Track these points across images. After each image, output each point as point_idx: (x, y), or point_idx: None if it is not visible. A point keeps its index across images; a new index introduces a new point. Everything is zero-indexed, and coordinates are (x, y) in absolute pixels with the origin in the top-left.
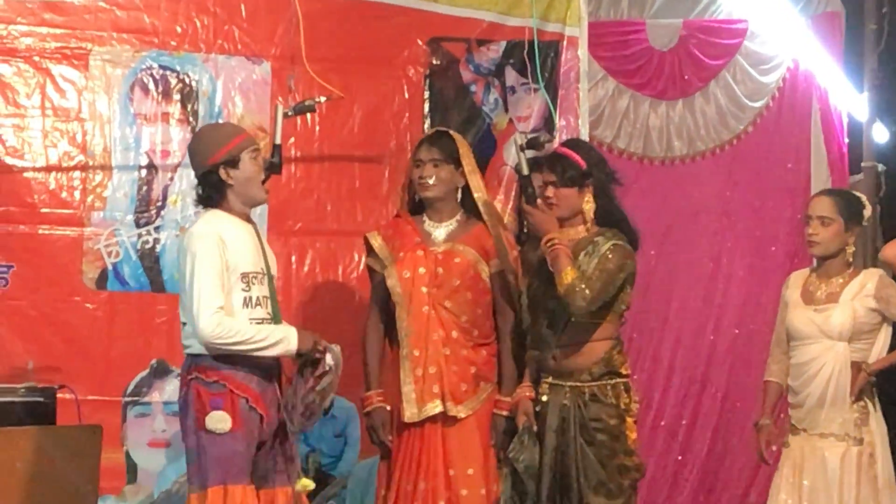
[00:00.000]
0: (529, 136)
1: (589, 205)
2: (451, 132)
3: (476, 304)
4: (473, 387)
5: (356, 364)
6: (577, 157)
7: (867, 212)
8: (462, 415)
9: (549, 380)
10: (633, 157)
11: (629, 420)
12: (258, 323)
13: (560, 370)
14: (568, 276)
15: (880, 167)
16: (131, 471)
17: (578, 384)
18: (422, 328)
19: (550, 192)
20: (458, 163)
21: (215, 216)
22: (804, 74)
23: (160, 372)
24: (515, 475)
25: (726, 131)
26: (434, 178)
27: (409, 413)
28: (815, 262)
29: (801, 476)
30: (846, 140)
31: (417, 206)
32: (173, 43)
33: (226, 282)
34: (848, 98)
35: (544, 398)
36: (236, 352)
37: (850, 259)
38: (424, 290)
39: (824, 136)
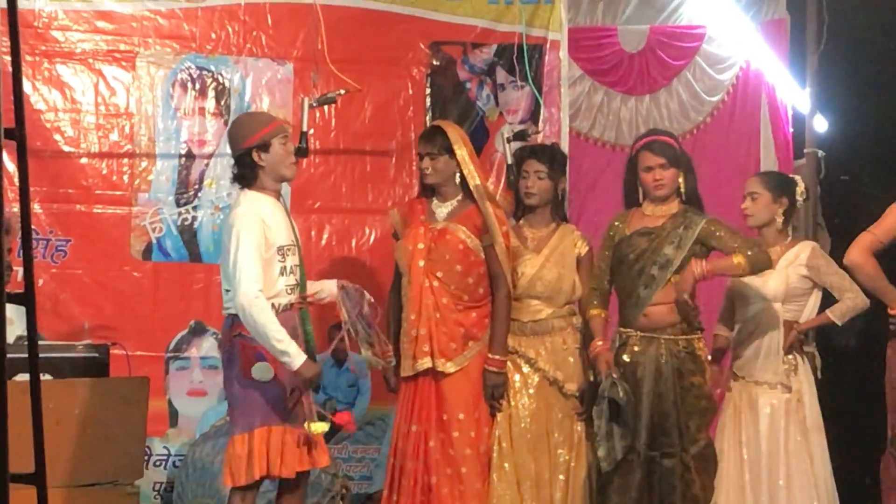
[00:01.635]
0: (516, 129)
1: (682, 184)
2: (445, 126)
3: (466, 275)
4: (462, 345)
5: None
6: (674, 142)
7: (799, 188)
8: (451, 369)
9: (640, 333)
10: (606, 145)
11: (707, 369)
12: (290, 288)
13: (652, 326)
14: (740, 261)
15: (820, 153)
16: (173, 416)
17: (672, 337)
18: (417, 295)
19: (659, 174)
20: (452, 153)
21: (255, 197)
22: (754, 73)
23: (198, 331)
24: (611, 409)
25: (687, 122)
26: (430, 168)
27: (405, 366)
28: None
29: (740, 415)
30: (791, 129)
31: (433, 188)
32: (209, 47)
33: (265, 255)
34: (792, 93)
35: (637, 349)
36: (253, 332)
37: (780, 227)
38: (421, 263)
39: (772, 126)
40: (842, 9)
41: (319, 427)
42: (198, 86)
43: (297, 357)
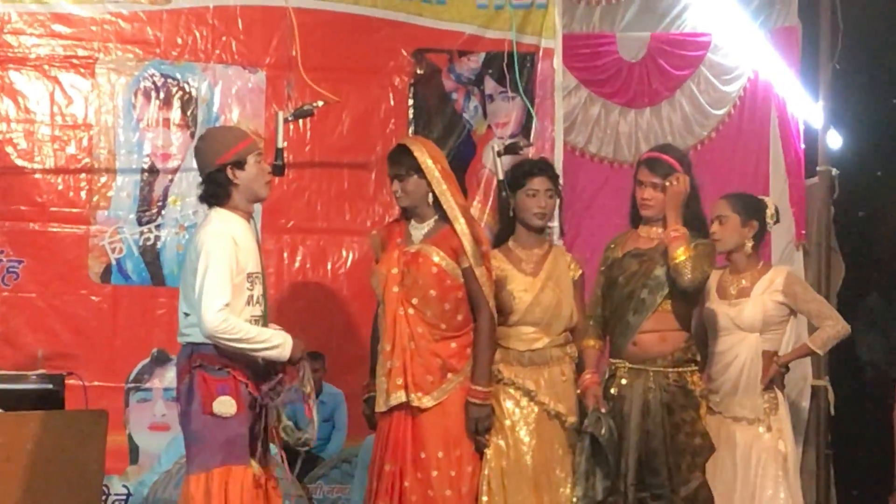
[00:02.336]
0: (507, 143)
1: None
2: (411, 143)
3: (442, 300)
4: (440, 377)
5: (344, 353)
6: (675, 163)
7: (769, 210)
8: (428, 404)
9: (628, 365)
10: (603, 161)
11: (703, 404)
12: (255, 320)
13: (641, 356)
14: (681, 255)
15: (834, 171)
16: (134, 452)
17: (661, 369)
18: (391, 324)
19: (648, 193)
20: (421, 172)
21: (226, 216)
22: (763, 84)
23: (160, 360)
24: (593, 446)
25: (691, 137)
26: (400, 191)
27: (378, 401)
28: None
29: (716, 453)
30: (802, 146)
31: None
32: (174, 53)
33: (234, 281)
34: (804, 106)
35: (623, 381)
36: (234, 349)
37: (750, 252)
38: (395, 289)
39: (782, 142)
40: (857, 16)
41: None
42: (162, 95)
43: (284, 346)
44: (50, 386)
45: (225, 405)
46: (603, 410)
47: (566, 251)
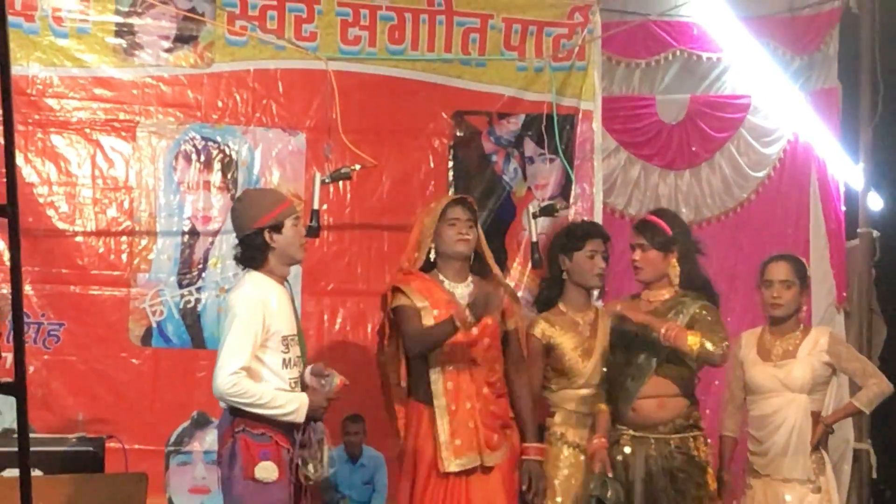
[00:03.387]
0: (543, 204)
1: (674, 269)
2: (470, 198)
3: (498, 361)
4: (502, 436)
5: (382, 415)
6: (664, 224)
7: (809, 272)
8: (494, 463)
9: (630, 432)
10: None
11: (710, 470)
12: (294, 382)
13: (642, 422)
14: (694, 342)
15: (875, 233)
16: None
17: (663, 436)
18: (457, 383)
19: (638, 255)
20: (476, 227)
21: (260, 280)
22: (803, 146)
23: (200, 423)
24: None
25: (731, 199)
26: (471, 236)
27: (448, 463)
28: (767, 322)
29: None
30: (843, 207)
31: (424, 266)
32: (215, 116)
33: (262, 343)
34: (844, 168)
35: (627, 449)
36: (248, 411)
37: (802, 315)
38: (460, 348)
39: (822, 204)
40: None
41: None
42: (203, 157)
43: (300, 408)
44: (90, 449)
45: (267, 470)
46: (609, 475)
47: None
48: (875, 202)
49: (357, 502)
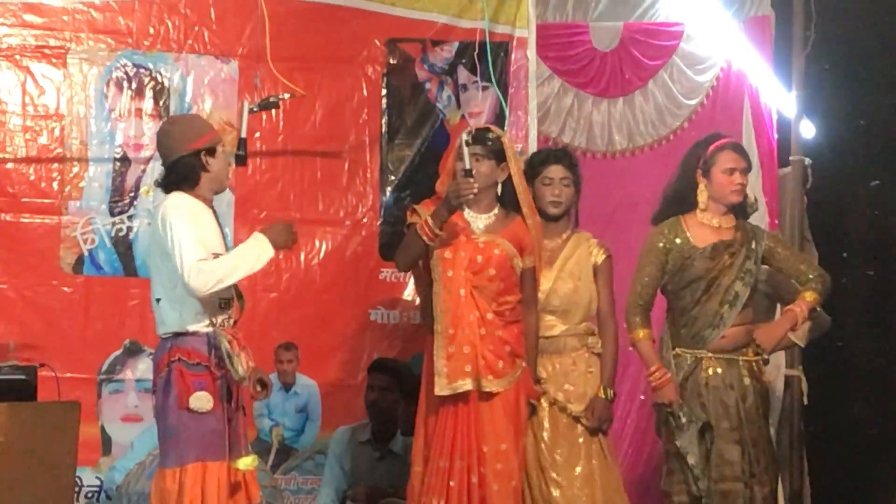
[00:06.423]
0: (474, 131)
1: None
2: (501, 132)
3: (506, 293)
4: (510, 363)
5: (317, 344)
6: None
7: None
8: (497, 389)
9: (714, 355)
10: (576, 151)
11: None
12: (225, 301)
13: (731, 346)
14: (814, 298)
15: (807, 161)
16: (106, 444)
17: (749, 359)
18: (457, 308)
19: (738, 177)
20: (500, 159)
21: (188, 197)
22: (736, 74)
23: (133, 351)
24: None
25: (664, 127)
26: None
27: (440, 387)
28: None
29: None
30: (775, 135)
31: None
32: (146, 43)
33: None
34: (777, 96)
35: (711, 371)
36: (224, 285)
37: None
38: (463, 273)
39: (755, 131)
40: (831, 5)
41: (248, 463)
42: (134, 85)
43: (264, 250)
44: (22, 377)
45: (201, 400)
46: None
47: (591, 237)
48: (807, 130)
49: (291, 430)
